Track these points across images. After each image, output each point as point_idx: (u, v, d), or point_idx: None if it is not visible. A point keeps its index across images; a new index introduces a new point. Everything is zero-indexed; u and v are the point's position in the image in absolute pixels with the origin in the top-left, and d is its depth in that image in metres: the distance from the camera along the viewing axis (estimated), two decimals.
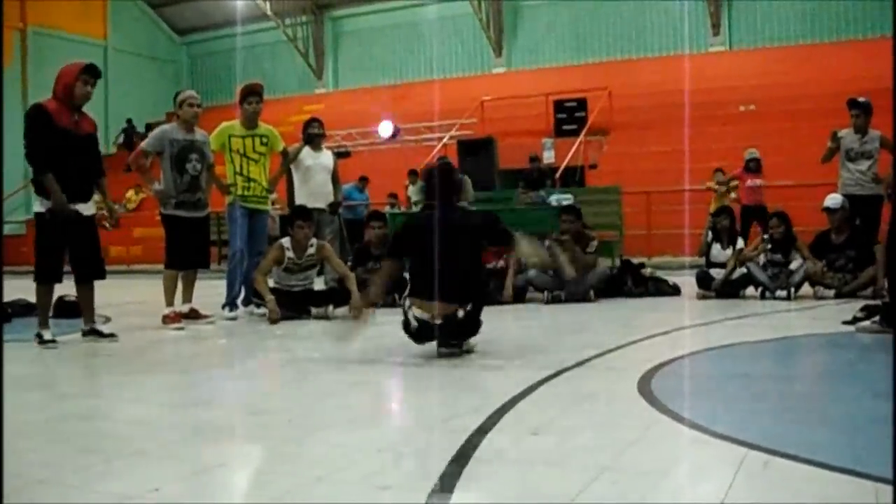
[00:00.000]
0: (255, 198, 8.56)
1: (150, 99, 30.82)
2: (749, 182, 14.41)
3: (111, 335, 6.89)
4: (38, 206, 6.56)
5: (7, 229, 26.09)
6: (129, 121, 29.83)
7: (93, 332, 6.87)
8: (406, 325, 5.54)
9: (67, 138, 6.56)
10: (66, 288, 7.19)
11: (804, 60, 23.24)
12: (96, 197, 7.12)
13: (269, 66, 32.56)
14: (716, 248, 9.68)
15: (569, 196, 11.17)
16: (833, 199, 9.41)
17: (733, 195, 15.09)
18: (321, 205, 9.20)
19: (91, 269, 6.87)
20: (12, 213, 25.39)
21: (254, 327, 7.82)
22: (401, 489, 2.71)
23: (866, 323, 6.32)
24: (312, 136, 9.25)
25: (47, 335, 6.57)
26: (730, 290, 9.33)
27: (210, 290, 9.13)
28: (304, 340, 6.99)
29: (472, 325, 5.55)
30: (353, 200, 17.99)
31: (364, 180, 19.10)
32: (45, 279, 6.67)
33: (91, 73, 6.66)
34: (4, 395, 4.35)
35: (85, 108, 6.82)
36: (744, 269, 9.37)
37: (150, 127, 28.06)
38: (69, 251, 6.73)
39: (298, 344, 6.83)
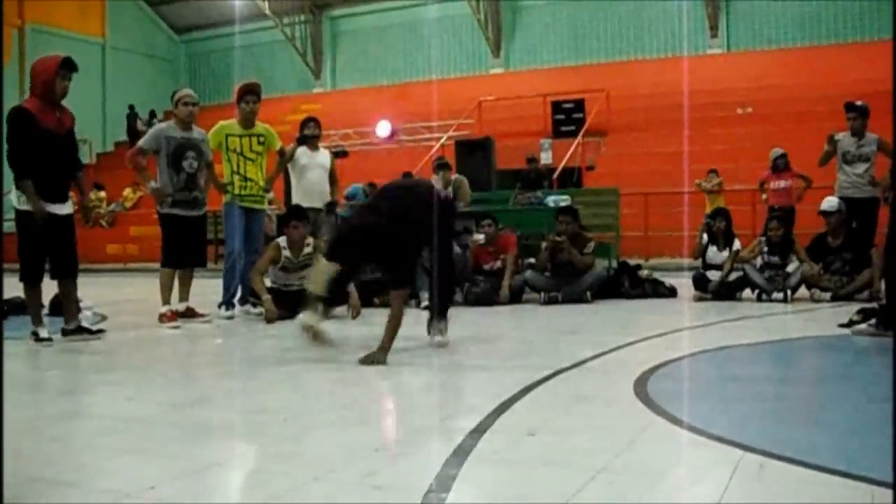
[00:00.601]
0: (251, 197, 8.55)
1: (149, 97, 30.73)
2: (773, 184, 13.59)
3: (98, 332, 6.87)
4: (23, 202, 6.50)
5: (6, 227, 26.01)
6: (131, 107, 29.69)
7: (77, 330, 6.81)
8: None
9: (51, 139, 6.50)
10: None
11: (802, 63, 23.26)
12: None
13: (268, 65, 32.54)
14: (712, 250, 9.68)
15: (566, 197, 11.17)
16: (829, 202, 9.43)
17: (765, 196, 14.35)
18: (318, 204, 9.20)
19: (66, 267, 6.80)
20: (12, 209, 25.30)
21: (250, 326, 7.82)
22: (397, 489, 2.71)
23: (862, 326, 6.33)
24: (306, 137, 9.25)
25: (43, 333, 6.55)
26: (726, 292, 9.34)
27: (207, 289, 9.12)
28: (300, 340, 6.98)
29: None
30: (358, 202, 17.99)
31: (373, 186, 19.09)
32: (32, 279, 6.63)
33: (68, 67, 6.57)
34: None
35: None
36: (740, 272, 9.38)
37: (153, 114, 28.08)
38: (48, 250, 6.66)
39: (294, 343, 6.81)
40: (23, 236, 6.53)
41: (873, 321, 6.23)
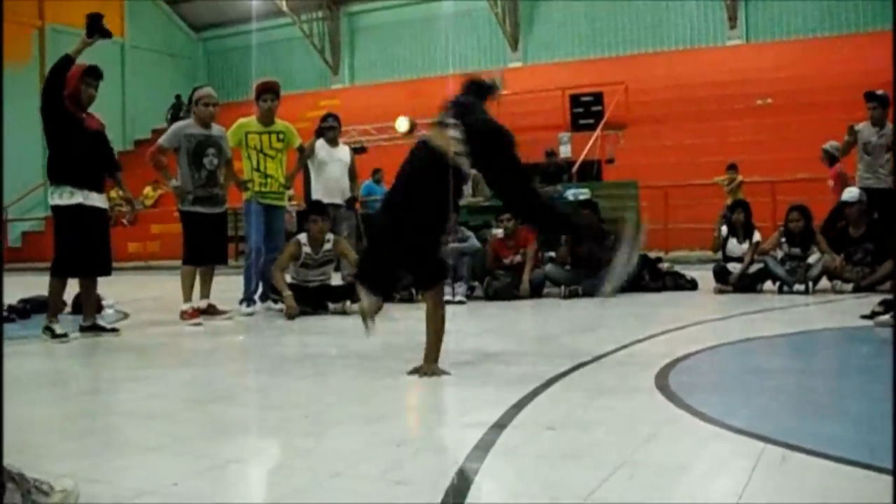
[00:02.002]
0: (272, 194, 8.58)
1: (167, 95, 30.84)
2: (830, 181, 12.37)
3: (113, 329, 6.95)
4: (58, 198, 6.63)
5: (26, 226, 26.30)
6: (178, 97, 29.68)
7: (92, 328, 6.90)
8: None
9: (88, 131, 6.76)
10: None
11: (821, 53, 23.09)
12: (119, 192, 7.23)
13: (286, 61, 32.58)
14: (732, 242, 9.64)
15: (585, 190, 11.15)
16: (850, 193, 9.37)
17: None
18: (338, 200, 9.23)
19: (100, 266, 6.92)
20: (32, 209, 25.54)
21: (271, 323, 7.85)
22: (419, 484, 2.71)
23: (885, 317, 6.28)
24: (324, 129, 9.27)
25: (59, 329, 6.63)
26: (747, 284, 9.30)
27: (227, 286, 9.16)
28: (321, 336, 7.01)
29: None
30: (375, 195, 18.12)
31: (378, 172, 19.17)
32: (64, 273, 6.75)
33: (93, 74, 6.76)
34: (20, 392, 4.40)
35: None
36: (761, 264, 9.34)
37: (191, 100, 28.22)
38: (85, 244, 6.76)
39: (315, 339, 6.85)
40: (61, 229, 6.66)
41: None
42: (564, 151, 19.75)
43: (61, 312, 7.41)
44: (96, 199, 6.79)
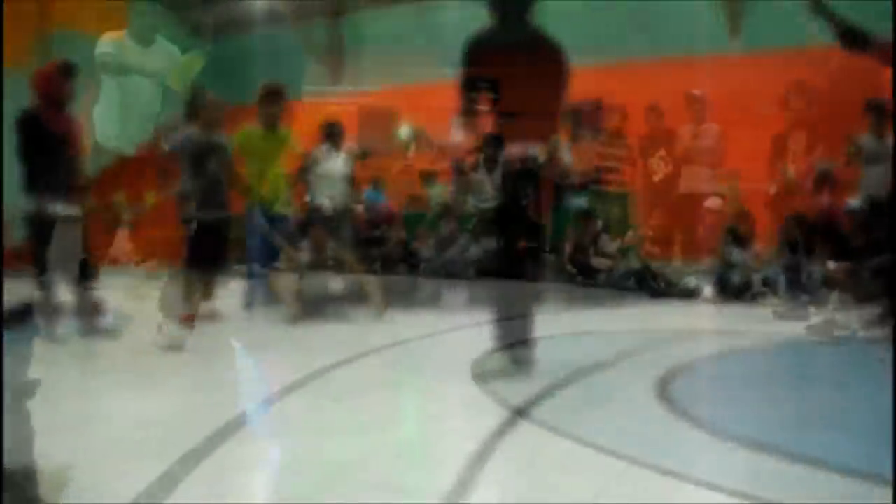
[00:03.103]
0: (273, 199, 8.56)
1: (168, 98, 30.89)
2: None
3: (112, 332, 6.95)
4: (36, 208, 6.65)
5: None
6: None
7: (91, 331, 6.91)
8: None
9: (57, 141, 6.74)
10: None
11: (824, 63, 23.06)
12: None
13: (288, 67, 32.58)
14: (734, 251, 9.63)
15: (585, 199, 11.15)
16: (852, 202, 9.36)
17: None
18: (337, 206, 9.23)
19: (81, 271, 6.93)
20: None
21: (271, 328, 7.83)
22: (419, 491, 2.71)
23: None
24: (326, 136, 9.29)
25: (55, 334, 6.64)
26: (748, 293, 9.28)
27: (228, 292, 9.14)
28: (320, 341, 7.00)
29: None
30: (375, 203, 18.14)
31: (378, 180, 19.17)
32: (42, 279, 6.77)
33: (67, 69, 6.76)
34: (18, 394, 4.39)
35: None
36: (762, 273, 9.32)
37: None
38: (56, 253, 6.77)
39: (315, 345, 6.84)
40: (30, 238, 6.69)
41: None
42: (564, 160, 19.72)
43: (58, 315, 7.41)
44: (63, 208, 6.80)
